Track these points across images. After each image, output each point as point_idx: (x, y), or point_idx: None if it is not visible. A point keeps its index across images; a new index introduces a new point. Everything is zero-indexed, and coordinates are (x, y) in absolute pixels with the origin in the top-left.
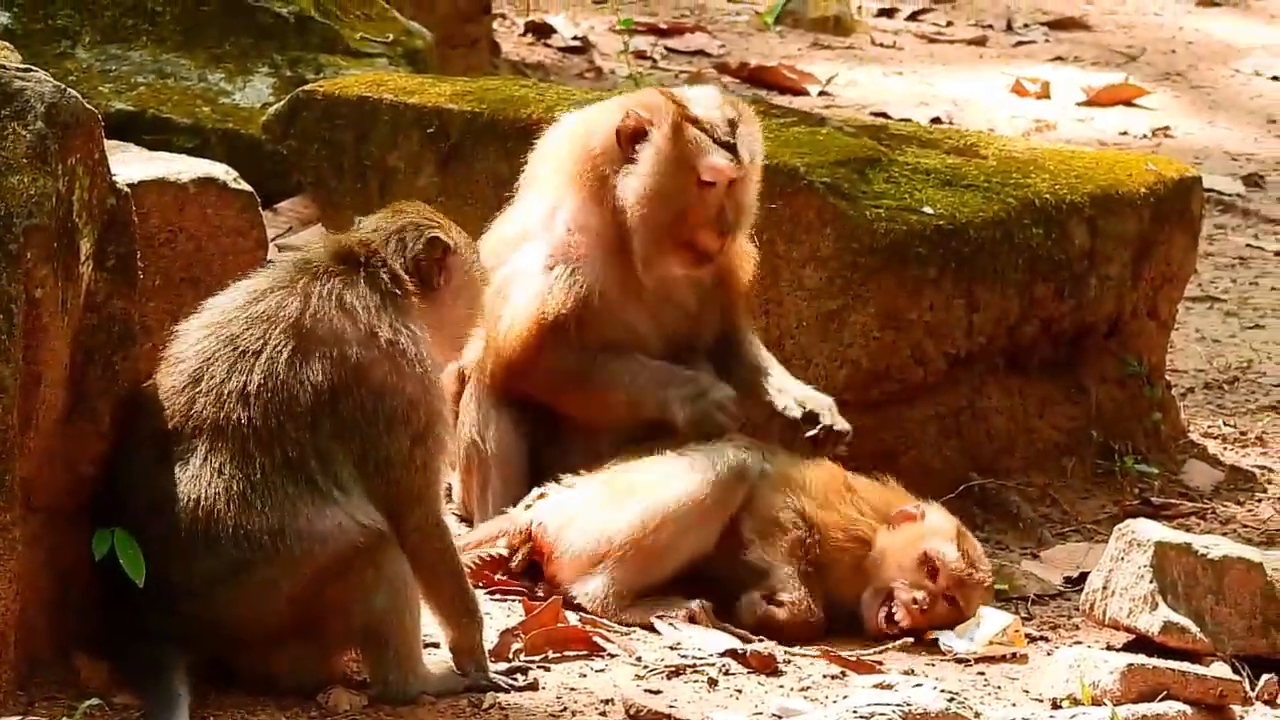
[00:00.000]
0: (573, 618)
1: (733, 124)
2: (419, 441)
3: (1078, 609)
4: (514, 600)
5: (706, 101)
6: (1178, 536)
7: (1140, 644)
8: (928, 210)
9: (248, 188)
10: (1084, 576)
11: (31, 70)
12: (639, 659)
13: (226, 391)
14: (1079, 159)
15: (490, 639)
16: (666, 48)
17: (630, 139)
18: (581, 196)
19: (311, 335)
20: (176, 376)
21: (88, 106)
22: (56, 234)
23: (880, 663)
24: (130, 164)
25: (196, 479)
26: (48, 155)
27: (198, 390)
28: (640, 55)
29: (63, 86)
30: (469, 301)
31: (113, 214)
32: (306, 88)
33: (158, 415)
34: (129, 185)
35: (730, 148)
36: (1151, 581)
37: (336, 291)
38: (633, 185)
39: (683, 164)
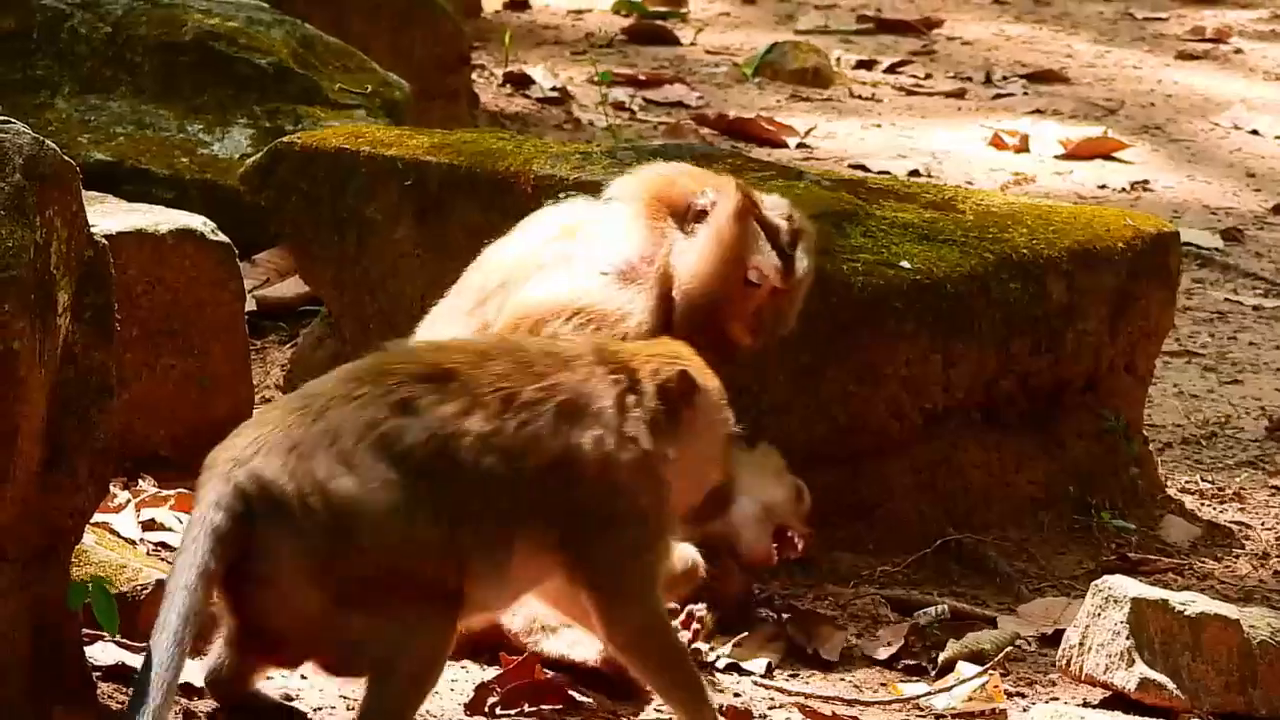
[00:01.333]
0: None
1: (795, 235)
2: (647, 548)
3: (1054, 665)
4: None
5: (776, 205)
6: (1155, 593)
7: (1117, 700)
8: (905, 265)
9: (225, 239)
10: (1060, 633)
11: (10, 122)
12: (615, 713)
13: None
14: (1057, 213)
15: (466, 693)
16: (645, 99)
17: (697, 215)
18: (649, 236)
19: (574, 417)
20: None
21: (66, 159)
22: (34, 286)
23: (857, 717)
24: (109, 215)
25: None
26: (26, 207)
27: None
28: (619, 106)
29: (41, 138)
30: (711, 445)
31: (90, 265)
32: (284, 139)
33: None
34: (107, 237)
35: (786, 257)
36: (1128, 638)
37: (600, 390)
38: (685, 260)
39: (734, 256)
